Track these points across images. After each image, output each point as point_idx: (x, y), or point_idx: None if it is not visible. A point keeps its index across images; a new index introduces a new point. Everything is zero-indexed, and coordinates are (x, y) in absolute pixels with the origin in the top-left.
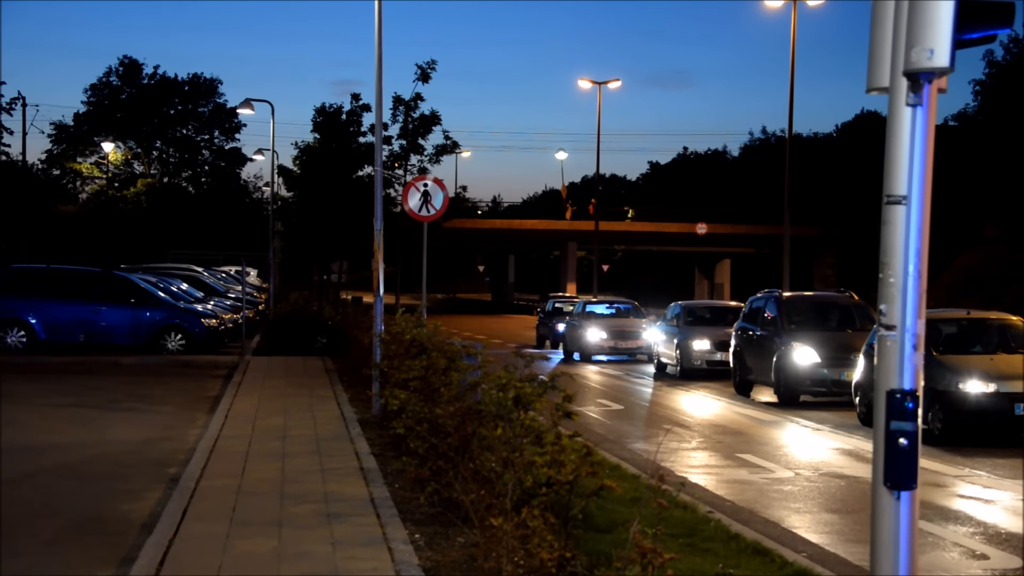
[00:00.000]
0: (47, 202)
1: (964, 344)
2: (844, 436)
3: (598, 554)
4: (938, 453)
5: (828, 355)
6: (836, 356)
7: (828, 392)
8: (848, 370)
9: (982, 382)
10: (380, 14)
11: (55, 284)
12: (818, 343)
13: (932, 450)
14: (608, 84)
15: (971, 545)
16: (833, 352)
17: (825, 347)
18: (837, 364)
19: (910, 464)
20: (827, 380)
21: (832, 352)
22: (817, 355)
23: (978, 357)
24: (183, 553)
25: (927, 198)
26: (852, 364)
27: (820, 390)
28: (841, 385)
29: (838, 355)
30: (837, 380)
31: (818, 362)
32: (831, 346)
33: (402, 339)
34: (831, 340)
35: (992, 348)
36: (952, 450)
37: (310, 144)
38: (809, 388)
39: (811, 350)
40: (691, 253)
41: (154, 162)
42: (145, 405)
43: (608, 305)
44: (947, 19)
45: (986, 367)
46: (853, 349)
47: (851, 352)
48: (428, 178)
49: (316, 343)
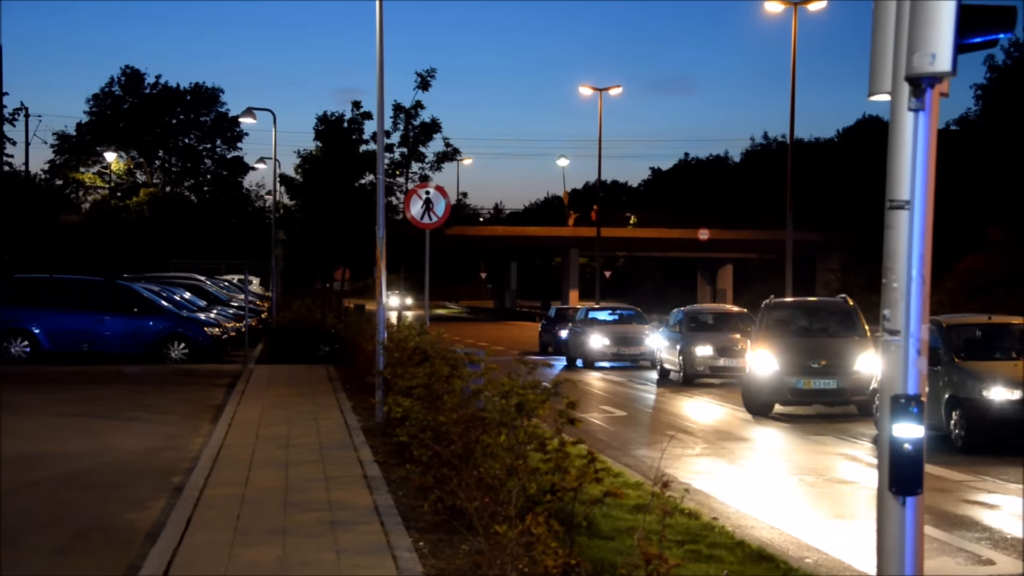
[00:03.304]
0: (50, 212)
1: (986, 350)
2: (848, 443)
3: (603, 561)
4: (956, 460)
5: (790, 363)
6: (798, 364)
7: (786, 401)
8: (807, 379)
9: (1006, 389)
10: (381, 26)
11: (58, 294)
12: (781, 350)
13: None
14: (609, 90)
15: (977, 551)
16: (795, 360)
17: (788, 355)
18: (798, 372)
19: (915, 469)
20: (784, 389)
21: (795, 360)
22: (777, 363)
23: (1002, 363)
24: (188, 562)
25: (930, 202)
26: (814, 372)
27: (779, 399)
28: (799, 393)
29: (800, 363)
30: (794, 388)
31: (778, 370)
32: (795, 354)
33: (405, 346)
34: (796, 347)
35: (1015, 354)
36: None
37: (312, 152)
38: (769, 397)
39: (772, 358)
40: (693, 259)
41: (156, 171)
42: (149, 414)
43: (611, 311)
44: (949, 24)
45: (1010, 373)
46: (819, 356)
47: (815, 359)
48: (430, 185)
49: (319, 351)
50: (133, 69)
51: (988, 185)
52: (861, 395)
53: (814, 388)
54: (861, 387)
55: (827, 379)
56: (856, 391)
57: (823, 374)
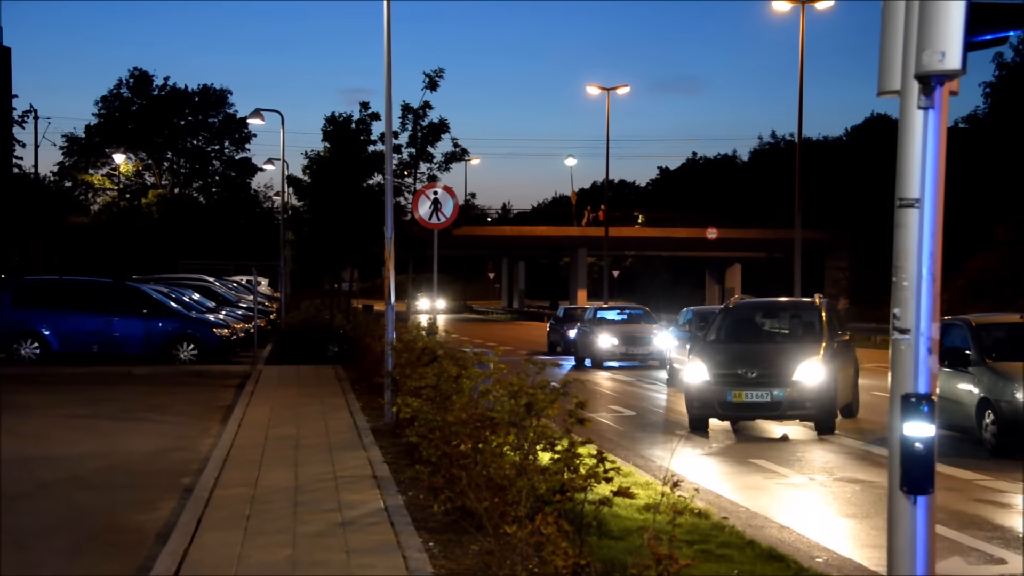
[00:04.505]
0: (59, 214)
1: (1019, 350)
2: (857, 441)
3: (613, 561)
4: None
5: (720, 372)
6: (728, 374)
7: (717, 415)
8: (738, 390)
9: None
10: (389, 27)
11: (68, 296)
12: (713, 359)
13: (982, 462)
14: (617, 90)
15: (988, 550)
16: (726, 369)
17: (719, 364)
18: (728, 382)
19: (926, 469)
20: (714, 401)
21: (725, 369)
22: (708, 373)
23: None
24: (198, 562)
25: (940, 201)
26: (746, 383)
27: (709, 412)
28: (730, 407)
29: (731, 372)
30: (724, 401)
31: (707, 380)
32: (726, 362)
33: (414, 347)
34: (729, 354)
35: None
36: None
37: (320, 153)
38: (700, 410)
39: (702, 366)
40: (701, 258)
41: (165, 173)
42: (158, 415)
43: (619, 311)
44: (958, 21)
45: None
46: (753, 364)
47: (747, 368)
48: (438, 186)
49: (328, 352)
50: (141, 71)
51: (996, 183)
52: (801, 409)
53: (746, 401)
54: (801, 400)
55: (760, 390)
56: (795, 404)
57: (755, 384)
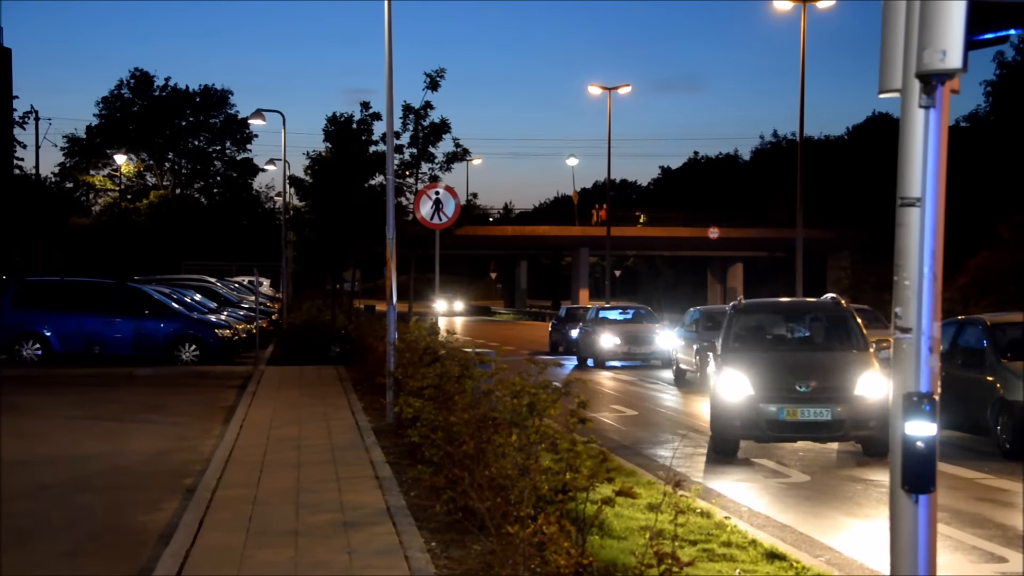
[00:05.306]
0: (61, 215)
1: None
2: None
3: (615, 561)
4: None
5: (768, 386)
6: (779, 387)
7: (763, 436)
8: (792, 407)
9: None
10: (390, 27)
11: (69, 297)
12: (756, 369)
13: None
14: (618, 89)
15: (990, 548)
16: (775, 381)
17: (765, 375)
18: (778, 398)
19: (928, 467)
20: (760, 420)
21: (774, 381)
22: (751, 386)
23: None
24: (200, 563)
25: (941, 200)
26: (801, 399)
27: (754, 433)
28: (781, 426)
29: (782, 386)
30: (774, 420)
31: (751, 396)
32: (774, 373)
33: (416, 347)
34: (776, 364)
35: None
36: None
37: (321, 153)
38: (739, 431)
39: (744, 379)
40: (704, 257)
41: (166, 174)
42: (160, 416)
43: (622, 310)
44: (959, 20)
45: None
46: (807, 376)
47: (801, 380)
48: (440, 186)
49: (330, 352)
50: (143, 71)
51: (999, 181)
52: (864, 429)
53: (801, 420)
54: (864, 418)
55: (817, 407)
56: (858, 423)
57: (813, 400)
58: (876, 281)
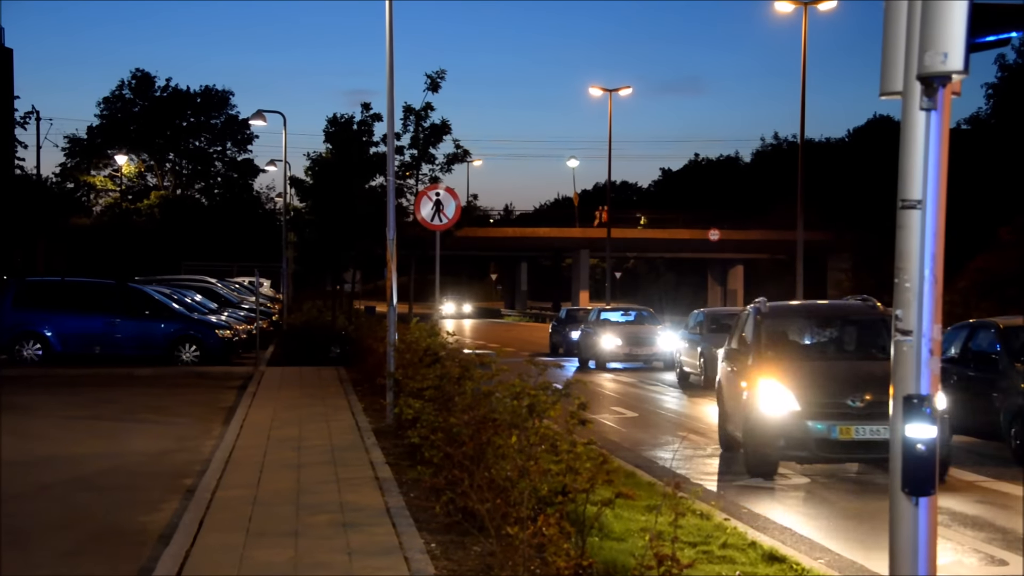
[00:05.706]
0: (61, 215)
1: None
2: None
3: (615, 562)
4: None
5: (816, 400)
6: (829, 402)
7: (811, 457)
8: (846, 424)
9: None
10: (391, 28)
11: (70, 297)
12: (801, 381)
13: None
14: (619, 91)
15: (989, 551)
16: (824, 395)
17: (811, 387)
18: (829, 415)
19: (928, 470)
20: (808, 439)
21: (823, 395)
22: (797, 400)
23: None
24: (200, 564)
25: (942, 202)
26: (855, 415)
27: (801, 454)
28: (832, 446)
29: (833, 400)
30: (823, 438)
31: (797, 411)
32: (822, 385)
33: (416, 348)
34: (823, 376)
35: None
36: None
37: (322, 154)
38: (783, 451)
39: (787, 392)
40: (704, 259)
41: (167, 174)
42: (160, 416)
43: (622, 312)
44: (961, 22)
45: None
46: (860, 389)
47: (854, 395)
48: (440, 187)
49: (330, 353)
50: (143, 72)
51: (999, 184)
52: None
53: (856, 439)
54: None
55: (875, 424)
56: None
57: (868, 417)
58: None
